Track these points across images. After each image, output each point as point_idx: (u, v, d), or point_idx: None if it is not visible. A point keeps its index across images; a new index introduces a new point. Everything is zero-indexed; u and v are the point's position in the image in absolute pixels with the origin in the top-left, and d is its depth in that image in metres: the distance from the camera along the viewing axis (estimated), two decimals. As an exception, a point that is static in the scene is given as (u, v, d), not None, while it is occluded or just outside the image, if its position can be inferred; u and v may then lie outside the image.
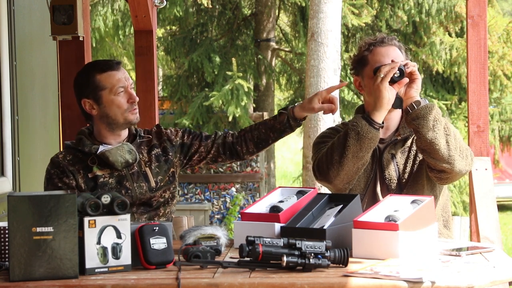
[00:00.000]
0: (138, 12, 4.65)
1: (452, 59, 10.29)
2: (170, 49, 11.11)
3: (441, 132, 3.06)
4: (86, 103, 3.27)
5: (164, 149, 3.39)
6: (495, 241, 3.38)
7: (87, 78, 3.27)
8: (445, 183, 3.25)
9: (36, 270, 2.34)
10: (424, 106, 3.09)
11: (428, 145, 3.07)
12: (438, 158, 3.08)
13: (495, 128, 10.38)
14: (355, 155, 3.09)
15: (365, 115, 3.11)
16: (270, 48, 11.48)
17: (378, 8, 10.62)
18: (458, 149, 3.10)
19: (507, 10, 20.39)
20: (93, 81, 3.25)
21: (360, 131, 3.08)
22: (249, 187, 11.00)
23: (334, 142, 3.16)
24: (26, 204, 2.34)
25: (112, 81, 3.24)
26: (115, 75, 3.25)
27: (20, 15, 4.85)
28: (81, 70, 3.36)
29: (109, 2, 11.19)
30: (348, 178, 3.16)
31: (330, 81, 6.87)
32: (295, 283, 2.28)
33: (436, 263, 2.50)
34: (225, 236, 2.72)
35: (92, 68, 3.30)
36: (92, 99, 3.25)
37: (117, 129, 3.30)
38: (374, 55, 3.24)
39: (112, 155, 3.23)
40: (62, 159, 3.28)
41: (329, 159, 3.14)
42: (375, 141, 3.11)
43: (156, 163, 3.34)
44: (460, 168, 3.11)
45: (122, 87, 3.24)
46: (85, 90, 3.26)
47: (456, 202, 9.92)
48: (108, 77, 3.24)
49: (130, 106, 3.26)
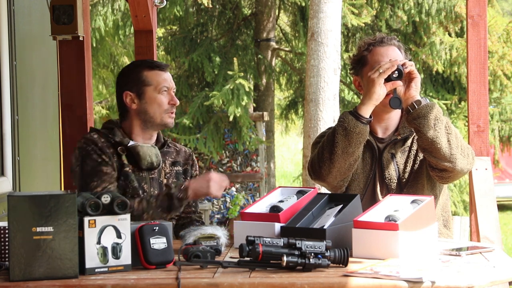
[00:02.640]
0: (138, 12, 4.65)
1: (452, 59, 10.29)
2: (170, 49, 11.11)
3: (442, 131, 3.06)
4: (127, 96, 3.29)
5: (185, 171, 3.42)
6: (495, 241, 3.38)
7: (134, 72, 3.31)
8: (447, 182, 3.25)
9: (36, 270, 2.34)
10: (425, 105, 3.09)
11: (429, 144, 3.07)
12: (439, 157, 3.08)
13: (495, 128, 10.38)
14: (345, 150, 3.09)
15: (352, 110, 3.11)
16: (270, 48, 11.48)
17: (378, 8, 10.62)
18: (460, 148, 3.10)
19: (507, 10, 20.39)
20: (140, 75, 3.28)
21: (347, 126, 3.08)
22: (249, 187, 11.00)
23: (324, 141, 3.16)
24: (26, 204, 2.34)
25: (159, 79, 3.28)
26: (162, 74, 3.30)
27: (20, 15, 4.85)
28: (128, 64, 3.42)
29: (109, 2, 11.18)
30: (341, 175, 3.15)
31: (330, 80, 6.88)
32: (295, 283, 2.28)
33: (436, 263, 2.50)
34: (225, 236, 2.72)
35: (141, 64, 3.35)
36: (135, 93, 3.28)
37: (151, 128, 3.32)
38: (373, 55, 3.24)
39: (142, 151, 3.24)
40: (97, 138, 3.24)
41: (320, 157, 3.14)
42: (364, 136, 3.10)
43: (174, 180, 3.36)
44: (461, 167, 3.11)
45: (166, 87, 3.29)
46: (130, 83, 3.29)
47: (456, 201, 9.92)
48: (155, 75, 3.29)
49: (169, 108, 3.30)
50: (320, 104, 6.91)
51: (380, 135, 3.31)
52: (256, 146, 10.86)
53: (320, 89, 6.92)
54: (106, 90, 14.22)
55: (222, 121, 10.63)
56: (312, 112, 6.95)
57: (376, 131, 3.31)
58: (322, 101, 6.91)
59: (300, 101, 11.78)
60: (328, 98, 6.91)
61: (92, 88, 5.14)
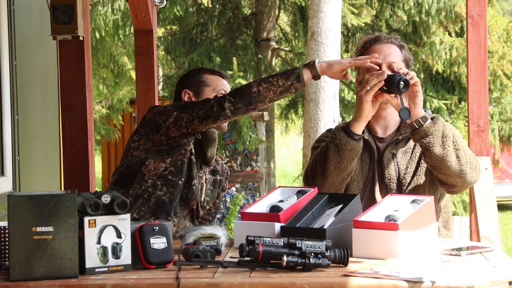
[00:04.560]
0: (138, 11, 4.65)
1: (452, 59, 10.28)
2: (170, 48, 11.11)
3: (451, 148, 3.03)
4: (186, 94, 3.44)
5: (220, 182, 3.56)
6: (495, 241, 3.38)
7: (196, 74, 3.48)
8: (454, 194, 3.26)
9: (36, 269, 2.34)
10: (432, 122, 3.03)
11: (439, 162, 3.04)
12: (450, 174, 3.06)
13: (495, 128, 10.37)
14: (337, 166, 3.09)
15: (345, 127, 3.09)
16: (270, 47, 11.48)
17: (378, 8, 10.62)
18: (469, 163, 3.07)
19: (507, 10, 20.39)
20: (201, 77, 3.46)
21: (339, 143, 3.07)
22: (249, 187, 11.00)
23: (317, 154, 3.16)
24: (26, 204, 2.34)
25: (218, 83, 3.45)
26: (221, 79, 3.47)
27: (20, 15, 4.85)
28: (192, 69, 3.65)
29: (109, 1, 11.18)
30: (335, 188, 3.15)
31: (330, 80, 6.87)
32: (295, 283, 2.28)
33: (436, 263, 2.50)
34: (225, 236, 2.72)
35: (204, 69, 3.56)
36: (194, 92, 3.43)
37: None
38: (369, 52, 3.20)
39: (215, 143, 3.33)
40: None
41: (313, 171, 3.15)
42: (356, 151, 3.09)
43: (211, 187, 3.49)
44: (471, 180, 3.11)
45: (224, 90, 3.42)
46: (190, 83, 3.45)
47: (456, 202, 9.92)
48: (215, 79, 3.46)
49: None
50: (320, 104, 6.91)
51: (380, 135, 3.29)
52: (256, 146, 10.85)
53: (320, 89, 6.92)
54: (106, 90, 14.21)
55: (222, 121, 10.62)
56: (312, 112, 6.95)
57: (376, 130, 3.29)
58: (322, 101, 6.91)
59: (300, 101, 11.78)
60: (328, 98, 6.92)
61: (92, 88, 5.14)
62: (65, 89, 4.09)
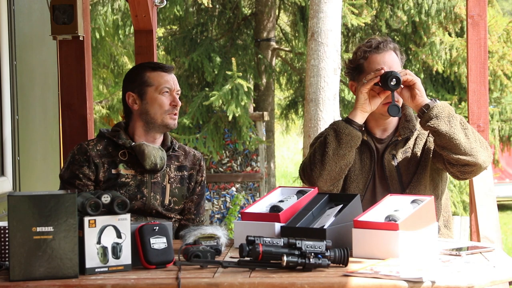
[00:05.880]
0: (138, 11, 4.65)
1: (452, 59, 10.29)
2: (170, 48, 11.11)
3: (458, 126, 3.06)
4: (130, 97, 3.32)
5: (190, 176, 3.41)
6: (495, 240, 3.38)
7: (137, 73, 3.34)
8: (468, 178, 3.22)
9: (36, 269, 2.34)
10: (436, 105, 3.08)
11: (447, 141, 3.05)
12: (460, 153, 3.06)
13: (495, 128, 10.37)
14: (335, 152, 3.12)
15: (345, 117, 3.19)
16: (270, 47, 11.48)
17: (378, 8, 10.62)
18: (478, 141, 3.10)
19: (507, 10, 20.40)
20: (142, 76, 3.31)
21: (337, 128, 3.14)
22: (249, 187, 11.00)
23: (316, 144, 3.20)
24: (26, 204, 2.34)
25: (160, 80, 3.30)
26: (164, 75, 3.31)
27: (20, 15, 4.85)
28: (134, 66, 3.45)
29: (109, 1, 11.18)
30: (331, 180, 3.16)
31: (330, 80, 6.88)
32: (295, 283, 2.28)
33: (436, 263, 2.50)
34: (225, 236, 2.72)
35: (144, 65, 3.38)
36: (137, 93, 3.30)
37: (153, 130, 3.31)
38: (370, 63, 3.23)
39: (148, 150, 3.24)
40: (92, 148, 3.27)
41: (312, 160, 3.17)
42: (355, 140, 3.13)
43: (178, 185, 3.36)
44: (484, 159, 3.10)
45: (167, 88, 3.29)
46: (132, 84, 3.32)
47: (456, 202, 9.92)
48: (157, 76, 3.30)
49: (171, 109, 3.29)
50: (320, 104, 6.91)
51: (378, 136, 3.31)
52: (256, 146, 10.86)
53: (320, 89, 6.92)
54: (106, 90, 14.22)
55: (222, 121, 10.64)
56: (312, 112, 6.95)
57: (375, 132, 3.32)
58: (322, 101, 6.91)
59: (300, 101, 11.79)
60: (328, 98, 6.92)
61: (92, 88, 5.14)
62: (65, 89, 4.09)
